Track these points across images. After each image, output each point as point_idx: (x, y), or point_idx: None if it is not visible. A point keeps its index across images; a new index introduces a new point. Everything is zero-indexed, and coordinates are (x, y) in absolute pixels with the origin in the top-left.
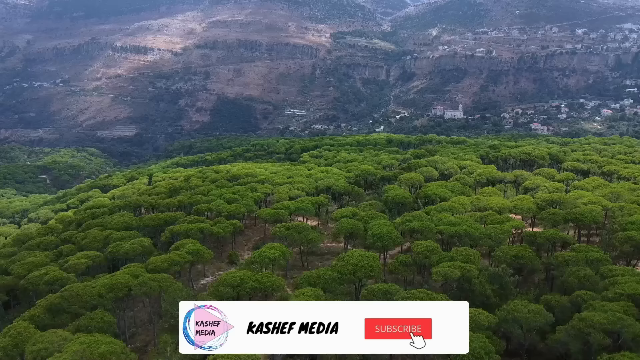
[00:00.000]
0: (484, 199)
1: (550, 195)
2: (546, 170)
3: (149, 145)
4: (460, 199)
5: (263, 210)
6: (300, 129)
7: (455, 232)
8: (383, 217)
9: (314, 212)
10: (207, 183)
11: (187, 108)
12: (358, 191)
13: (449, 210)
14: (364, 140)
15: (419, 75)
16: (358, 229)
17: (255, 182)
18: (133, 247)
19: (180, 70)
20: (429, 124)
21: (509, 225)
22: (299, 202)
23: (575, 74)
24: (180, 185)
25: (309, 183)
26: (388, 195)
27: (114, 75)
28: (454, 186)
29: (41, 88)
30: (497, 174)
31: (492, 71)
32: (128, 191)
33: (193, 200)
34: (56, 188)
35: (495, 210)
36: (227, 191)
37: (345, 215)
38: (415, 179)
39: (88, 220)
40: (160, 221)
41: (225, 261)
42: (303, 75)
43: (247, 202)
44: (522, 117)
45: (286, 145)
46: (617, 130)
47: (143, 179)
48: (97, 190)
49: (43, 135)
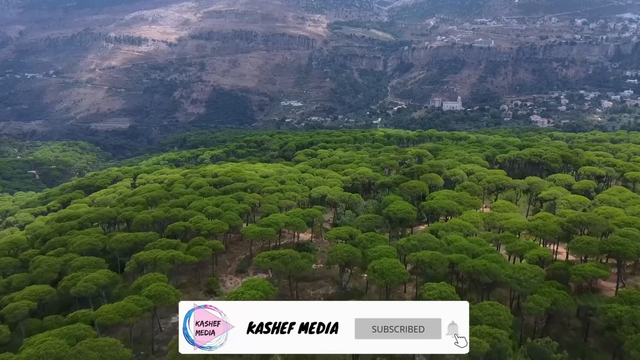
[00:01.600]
0: (499, 216)
1: (577, 215)
2: (562, 177)
3: (143, 138)
4: (472, 215)
5: (248, 228)
6: (296, 120)
7: (473, 268)
8: (383, 239)
9: (306, 226)
10: (190, 190)
11: (182, 100)
12: (355, 199)
13: (459, 229)
14: (361, 137)
15: (416, 66)
16: (355, 257)
17: (243, 188)
18: (86, 286)
19: (175, 62)
20: (427, 115)
21: (533, 254)
22: (289, 216)
23: (575, 65)
24: (159, 195)
25: (301, 191)
26: (390, 209)
27: (107, 66)
28: (462, 197)
29: (34, 79)
30: (508, 181)
31: (490, 62)
32: (109, 195)
33: (170, 214)
34: (45, 184)
35: (513, 230)
36: (210, 202)
37: (340, 236)
38: (418, 187)
39: (54, 237)
40: (129, 243)
41: (203, 289)
42: (299, 66)
43: (231, 216)
44: (522, 109)
45: (280, 142)
46: (618, 123)
47: (127, 180)
48: (80, 192)
49: (36, 128)
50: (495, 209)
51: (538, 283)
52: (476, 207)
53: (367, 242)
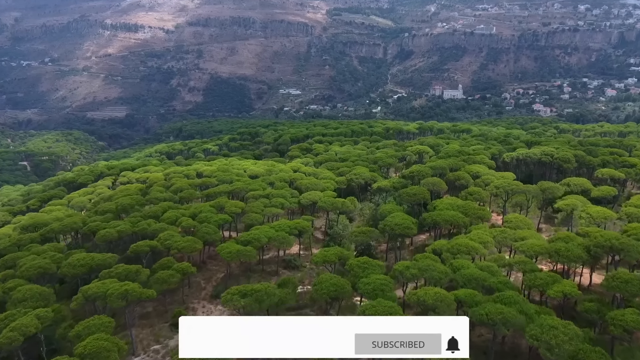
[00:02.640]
0: (511, 234)
1: (607, 239)
2: (577, 181)
3: (140, 127)
4: (480, 234)
5: (224, 247)
6: (295, 109)
7: (487, 316)
8: (378, 266)
9: (292, 242)
10: (169, 194)
11: (179, 88)
12: (349, 206)
13: (466, 251)
14: (359, 130)
15: (417, 54)
16: (344, 291)
17: (228, 192)
18: (10, 338)
19: (172, 49)
20: (428, 104)
21: (558, 290)
22: (274, 229)
23: (578, 52)
24: (130, 204)
25: (290, 197)
26: (387, 223)
27: (104, 54)
28: (468, 207)
29: (30, 67)
30: (518, 186)
31: (492, 49)
32: (86, 197)
33: (138, 228)
34: (37, 176)
35: (529, 255)
36: (187, 212)
37: (328, 260)
38: (419, 194)
39: (9, 254)
40: (83, 268)
41: (169, 322)
42: (298, 53)
43: (207, 230)
44: (524, 98)
45: (275, 135)
46: (622, 112)
47: (108, 179)
48: (63, 189)
49: (32, 117)
50: (507, 224)
51: (574, 349)
52: (484, 219)
53: (359, 269)
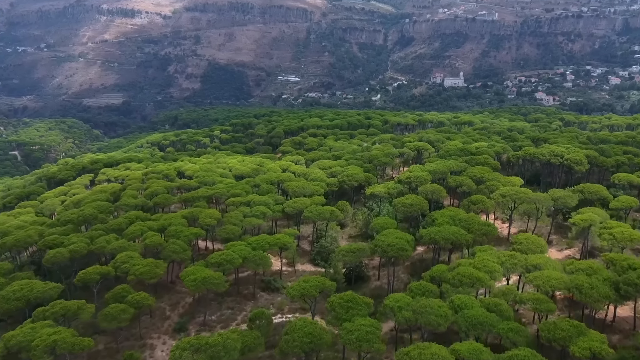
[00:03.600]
0: (522, 260)
1: (637, 272)
2: (592, 188)
3: (137, 114)
4: (487, 259)
5: (189, 273)
6: (293, 97)
7: None
8: (365, 304)
9: (270, 263)
10: (142, 199)
11: (176, 74)
12: (338, 217)
13: (470, 283)
14: (356, 122)
15: (417, 40)
16: (321, 343)
17: (208, 196)
18: None
19: (169, 35)
20: (428, 92)
21: (584, 347)
22: (250, 248)
23: (581, 39)
24: (93, 215)
25: (274, 204)
26: (380, 244)
27: (100, 40)
28: (472, 221)
29: (25, 53)
30: (527, 194)
31: (494, 36)
32: (58, 199)
33: (96, 247)
34: (27, 166)
35: (545, 290)
36: (155, 224)
37: (307, 294)
38: (416, 205)
39: None
40: (18, 303)
41: None
42: (297, 39)
43: (175, 248)
44: (526, 86)
45: (268, 127)
46: (627, 101)
47: (86, 177)
48: (42, 185)
49: (27, 104)
50: (516, 245)
51: None
52: (489, 235)
53: (342, 309)
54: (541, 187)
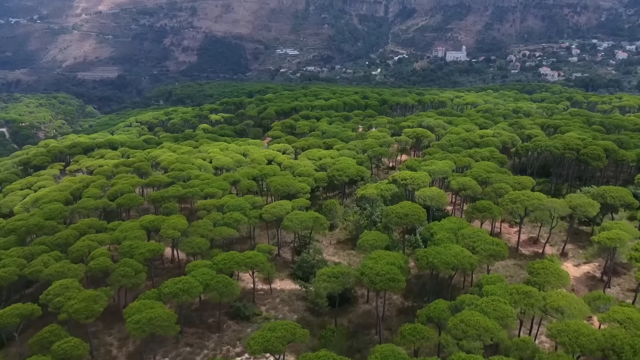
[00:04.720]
0: (541, 300)
1: None
2: (616, 192)
3: (132, 88)
4: (497, 303)
5: (132, 310)
6: (292, 70)
7: None
8: None
9: (237, 291)
10: (103, 200)
11: (172, 47)
12: (322, 223)
13: (476, 335)
14: (352, 102)
15: (419, 12)
16: None
17: (179, 196)
18: None
19: (165, 6)
20: (429, 67)
21: None
22: (214, 274)
23: (587, 11)
24: (37, 224)
25: (250, 208)
26: (367, 272)
27: (94, 11)
28: (477, 238)
29: (18, 25)
30: (540, 201)
31: (497, 7)
32: (21, 194)
33: (31, 270)
34: (15, 144)
35: (571, 349)
36: (108, 237)
37: (271, 348)
38: (412, 215)
39: None
40: None
41: None
42: (296, 11)
43: (124, 273)
44: (530, 60)
45: (259, 108)
46: (634, 77)
47: (56, 167)
48: (16, 172)
49: (21, 77)
50: (532, 275)
51: None
52: (500, 257)
53: None
54: (551, 181)
